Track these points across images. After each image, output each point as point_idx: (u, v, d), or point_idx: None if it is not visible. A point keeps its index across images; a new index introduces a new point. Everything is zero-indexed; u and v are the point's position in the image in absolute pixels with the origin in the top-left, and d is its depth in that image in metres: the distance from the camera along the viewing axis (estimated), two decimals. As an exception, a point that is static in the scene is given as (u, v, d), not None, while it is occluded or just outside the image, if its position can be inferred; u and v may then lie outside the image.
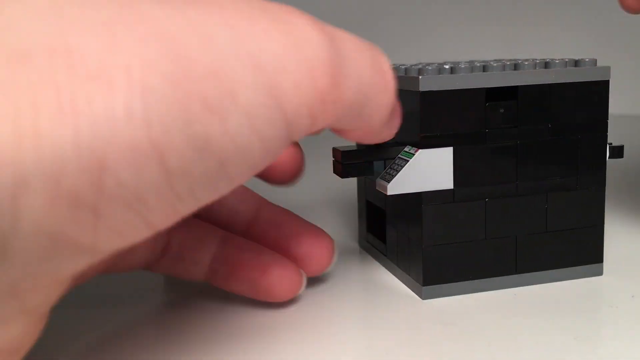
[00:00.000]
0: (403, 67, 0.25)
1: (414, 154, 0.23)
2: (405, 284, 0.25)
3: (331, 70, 0.15)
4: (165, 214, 0.14)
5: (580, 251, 0.25)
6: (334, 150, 0.25)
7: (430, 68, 0.23)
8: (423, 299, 0.24)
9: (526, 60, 0.25)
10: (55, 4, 0.13)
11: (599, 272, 0.26)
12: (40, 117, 0.11)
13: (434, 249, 0.24)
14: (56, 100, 0.12)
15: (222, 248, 0.23)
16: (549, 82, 0.23)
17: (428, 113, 0.23)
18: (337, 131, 0.18)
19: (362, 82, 0.16)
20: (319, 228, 0.25)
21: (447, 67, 0.23)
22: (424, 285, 0.24)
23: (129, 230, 0.13)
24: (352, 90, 0.16)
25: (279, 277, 0.23)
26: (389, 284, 0.26)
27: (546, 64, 0.24)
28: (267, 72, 0.14)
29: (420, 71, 0.23)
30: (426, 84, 0.22)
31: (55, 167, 0.11)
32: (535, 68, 0.24)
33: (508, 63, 0.24)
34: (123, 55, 0.12)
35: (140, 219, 0.13)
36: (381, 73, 0.17)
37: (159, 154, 0.13)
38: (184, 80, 0.13)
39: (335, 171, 0.25)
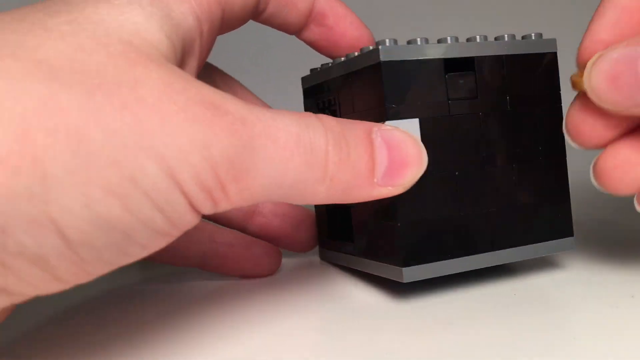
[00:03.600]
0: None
1: (381, 127, 0.22)
2: (383, 274, 0.24)
3: (234, 170, 0.17)
4: (74, 272, 0.16)
5: (550, 225, 0.25)
6: None
7: (387, 41, 0.22)
8: (405, 281, 0.22)
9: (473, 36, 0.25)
10: None
11: (572, 247, 0.25)
12: None
13: (410, 226, 0.22)
14: None
15: (212, 244, 0.26)
16: (502, 54, 0.24)
17: (392, 83, 0.22)
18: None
19: (284, 178, 0.18)
20: None
21: (391, 40, 0.23)
22: (403, 267, 0.22)
23: (38, 281, 0.15)
24: (264, 183, 0.18)
25: (268, 266, 0.28)
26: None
27: (495, 39, 0.24)
28: (170, 163, 0.16)
29: (377, 43, 0.23)
30: (387, 54, 0.22)
31: None
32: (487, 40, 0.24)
33: (460, 37, 0.24)
34: (31, 147, 0.14)
35: (46, 274, 0.15)
36: (317, 167, 0.18)
37: (57, 228, 0.15)
38: (85, 170, 0.15)
39: None
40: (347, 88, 0.25)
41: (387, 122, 0.22)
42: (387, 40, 0.22)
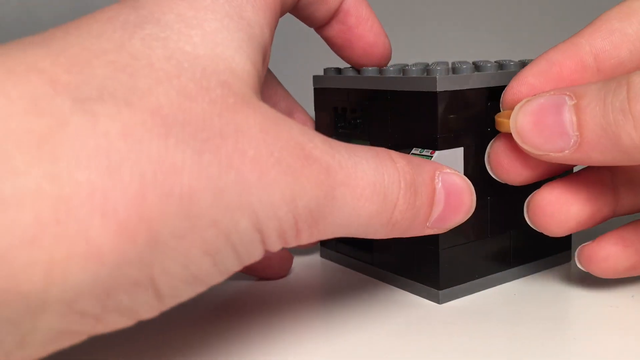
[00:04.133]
0: (392, 67, 0.24)
1: (430, 157, 0.22)
2: (415, 292, 0.25)
3: (312, 219, 0.17)
4: (152, 315, 0.16)
5: (553, 239, 0.27)
6: None
7: (439, 68, 0.22)
8: (440, 303, 0.23)
9: (488, 61, 0.26)
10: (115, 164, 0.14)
11: (569, 259, 0.27)
12: (70, 267, 0.13)
13: (449, 251, 0.23)
14: (84, 253, 0.13)
15: None
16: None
17: (445, 113, 0.22)
18: None
19: (354, 223, 0.18)
20: None
21: (442, 67, 0.23)
22: (440, 290, 0.23)
23: (120, 324, 0.16)
24: (335, 228, 0.18)
25: (282, 269, 0.27)
26: (389, 294, 0.25)
27: (501, 66, 0.25)
28: (260, 218, 0.16)
29: (429, 71, 0.22)
30: (443, 84, 0.22)
31: (71, 296, 0.14)
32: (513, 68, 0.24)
33: (494, 63, 0.24)
34: (147, 212, 0.14)
35: (131, 319, 0.16)
36: (386, 214, 0.19)
37: (154, 287, 0.15)
38: (190, 233, 0.15)
39: None
40: (381, 105, 0.24)
41: (437, 153, 0.22)
42: (438, 67, 0.22)
